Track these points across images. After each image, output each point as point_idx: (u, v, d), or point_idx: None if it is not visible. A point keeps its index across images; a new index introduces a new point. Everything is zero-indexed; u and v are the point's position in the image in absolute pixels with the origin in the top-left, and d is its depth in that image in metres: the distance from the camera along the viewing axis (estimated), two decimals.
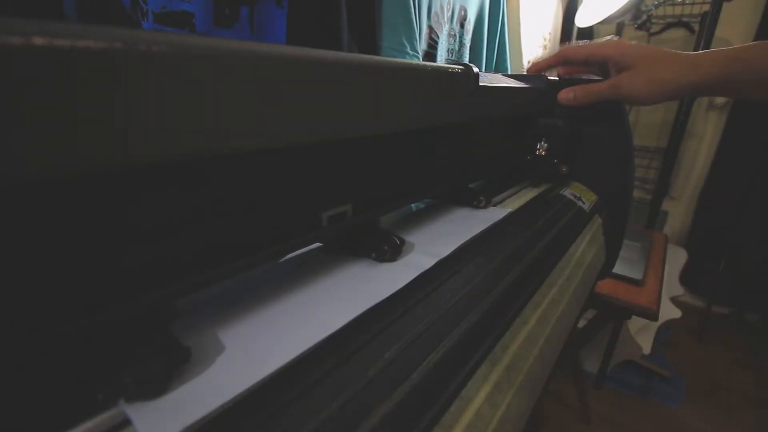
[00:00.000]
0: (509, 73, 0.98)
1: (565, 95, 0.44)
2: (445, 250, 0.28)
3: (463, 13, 0.86)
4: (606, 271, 0.54)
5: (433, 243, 0.29)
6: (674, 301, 1.40)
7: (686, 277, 1.64)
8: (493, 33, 0.98)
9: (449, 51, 0.85)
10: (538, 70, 0.46)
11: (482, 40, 0.94)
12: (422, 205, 0.41)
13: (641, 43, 0.39)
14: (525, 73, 0.48)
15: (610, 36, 0.46)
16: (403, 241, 0.27)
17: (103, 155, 0.12)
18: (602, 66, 0.42)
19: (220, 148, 0.15)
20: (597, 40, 0.44)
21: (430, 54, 0.79)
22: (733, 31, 1.48)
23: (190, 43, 0.13)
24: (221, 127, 0.14)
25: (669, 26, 1.54)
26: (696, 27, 1.50)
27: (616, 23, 1.56)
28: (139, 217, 0.16)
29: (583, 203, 0.47)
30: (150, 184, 0.16)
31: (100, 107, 0.11)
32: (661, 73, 0.35)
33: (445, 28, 0.81)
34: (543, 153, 0.47)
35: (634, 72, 0.37)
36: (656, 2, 1.36)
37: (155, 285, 0.17)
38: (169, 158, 0.13)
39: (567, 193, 0.47)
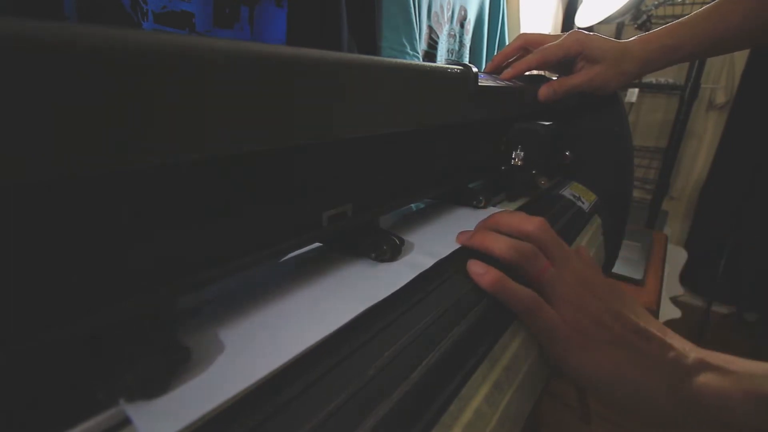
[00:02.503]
0: None
1: (546, 91, 0.44)
2: (445, 249, 0.28)
3: (463, 13, 0.86)
4: (606, 271, 0.54)
5: (433, 243, 0.29)
6: (674, 301, 1.39)
7: (686, 277, 1.64)
8: (493, 33, 0.98)
9: (449, 51, 0.85)
10: (517, 75, 0.43)
11: (482, 40, 0.94)
12: (422, 205, 0.41)
13: (597, 36, 0.44)
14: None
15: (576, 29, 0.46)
16: (402, 241, 0.27)
17: (102, 156, 0.12)
18: (571, 62, 0.45)
19: (220, 148, 0.15)
20: (560, 35, 0.45)
21: (430, 54, 0.79)
22: None
23: (190, 44, 0.13)
24: (222, 128, 0.14)
25: None
26: None
27: (616, 23, 1.56)
28: (140, 217, 0.16)
29: (583, 203, 0.47)
30: (151, 184, 0.16)
31: (100, 107, 0.11)
32: (623, 66, 0.43)
33: (445, 28, 0.82)
34: (519, 163, 0.41)
35: (604, 66, 0.43)
36: (656, 2, 1.36)
37: (156, 284, 0.17)
38: (168, 158, 0.13)
39: (566, 192, 0.47)
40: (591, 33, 0.44)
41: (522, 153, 0.40)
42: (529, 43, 0.47)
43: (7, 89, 0.09)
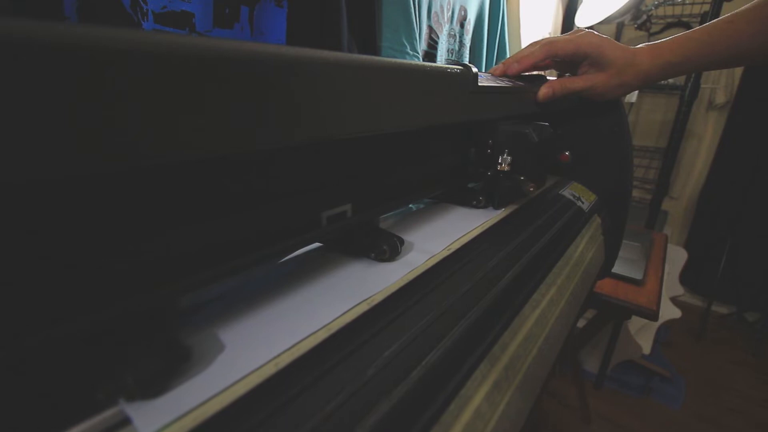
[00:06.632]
0: None
1: (545, 92, 0.43)
2: (445, 249, 0.28)
3: (463, 13, 0.87)
4: (605, 271, 0.55)
5: (433, 242, 0.29)
6: (674, 301, 1.40)
7: (686, 277, 1.64)
8: (493, 33, 0.98)
9: (449, 51, 0.85)
10: (523, 69, 0.43)
11: (482, 40, 0.94)
12: (422, 205, 0.41)
13: (611, 41, 0.43)
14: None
15: (583, 28, 0.45)
16: (402, 241, 0.27)
17: (102, 156, 0.12)
18: (577, 62, 0.44)
19: (221, 148, 0.15)
20: (574, 33, 0.44)
21: (430, 54, 0.79)
22: None
23: (190, 44, 0.13)
24: (221, 128, 0.15)
25: (669, 26, 1.54)
26: (696, 27, 1.50)
27: (616, 23, 1.56)
28: (140, 217, 0.16)
29: (582, 203, 0.47)
30: (151, 183, 0.16)
31: (99, 107, 0.11)
32: (627, 78, 0.43)
33: (445, 28, 0.82)
34: (506, 168, 0.38)
35: (608, 75, 0.43)
36: (656, 2, 1.36)
37: (156, 284, 0.17)
38: (169, 158, 0.13)
39: (566, 192, 0.47)
40: (604, 37, 0.43)
41: (509, 158, 0.37)
42: (557, 52, 0.45)
43: (7, 89, 0.09)
